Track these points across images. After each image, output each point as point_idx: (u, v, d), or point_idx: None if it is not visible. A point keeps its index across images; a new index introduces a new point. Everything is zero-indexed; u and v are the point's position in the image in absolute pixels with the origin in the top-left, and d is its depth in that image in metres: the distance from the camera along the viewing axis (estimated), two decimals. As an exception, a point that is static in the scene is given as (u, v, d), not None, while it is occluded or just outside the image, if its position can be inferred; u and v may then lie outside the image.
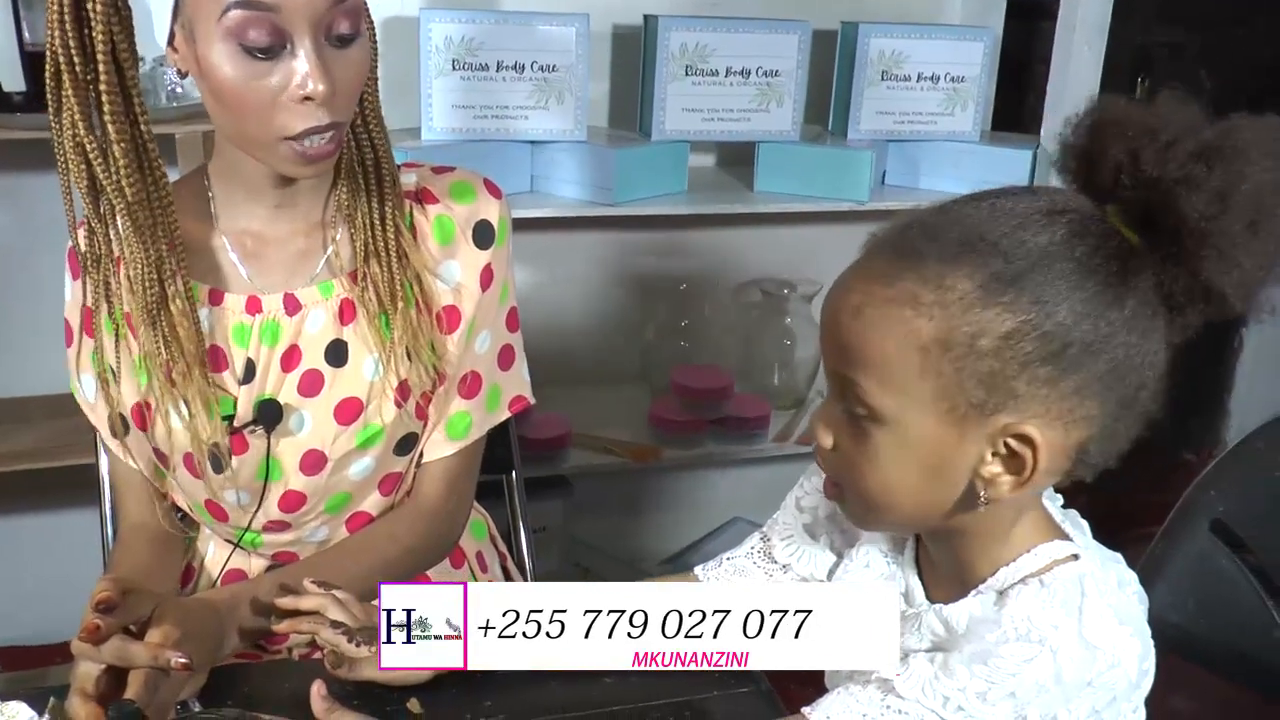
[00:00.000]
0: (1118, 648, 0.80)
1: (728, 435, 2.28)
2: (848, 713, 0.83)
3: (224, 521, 1.24)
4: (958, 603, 0.87)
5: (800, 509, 1.05)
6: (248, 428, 1.17)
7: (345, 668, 1.01)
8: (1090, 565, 0.84)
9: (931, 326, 0.76)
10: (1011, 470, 0.80)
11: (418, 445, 1.24)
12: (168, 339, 1.11)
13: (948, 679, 0.80)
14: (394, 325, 1.16)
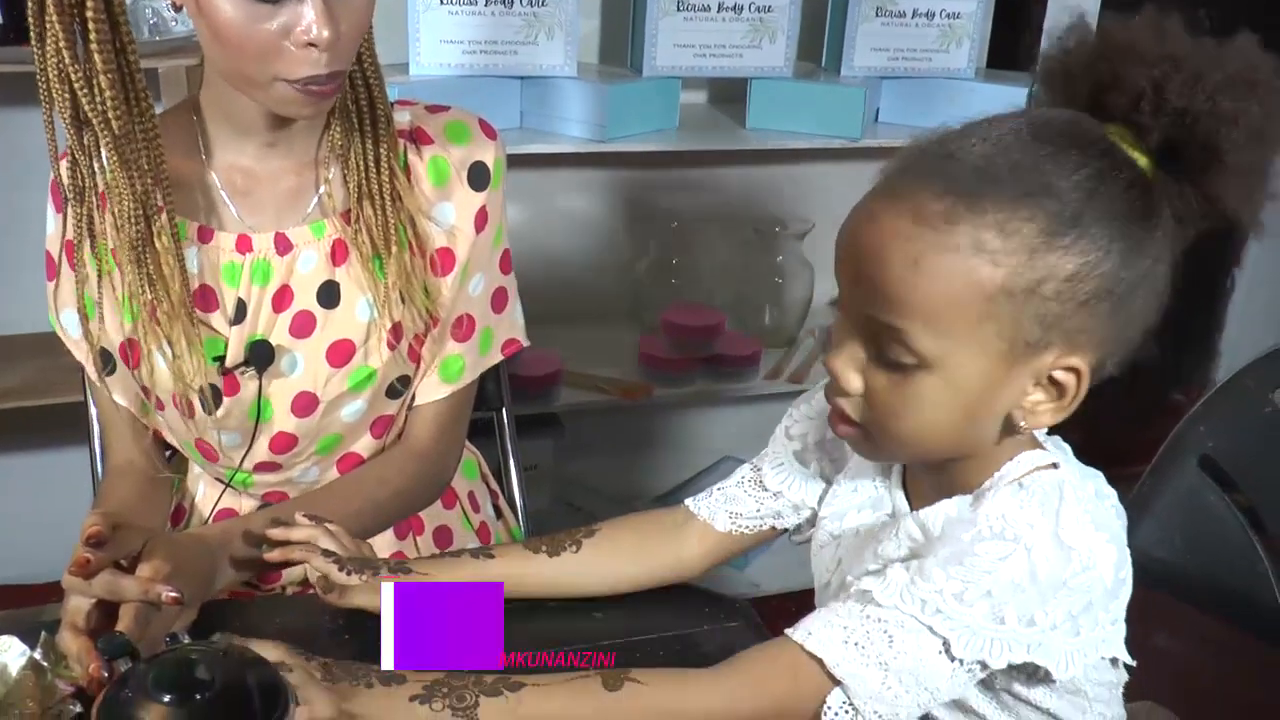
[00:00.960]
0: (1093, 551, 0.81)
1: (718, 373, 2.28)
2: (828, 628, 0.84)
3: (214, 461, 1.24)
4: (934, 506, 0.88)
5: (790, 437, 1.06)
6: (239, 369, 1.16)
7: (336, 593, 1.01)
8: (1070, 474, 0.85)
9: (999, 274, 0.76)
10: (1053, 398, 0.82)
11: (410, 388, 1.24)
12: (152, 277, 1.10)
13: (924, 583, 0.81)
14: (387, 268, 1.15)
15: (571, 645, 1.00)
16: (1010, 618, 0.80)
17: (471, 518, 1.40)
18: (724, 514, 1.07)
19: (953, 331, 0.78)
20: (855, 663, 0.82)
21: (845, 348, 0.83)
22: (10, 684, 0.89)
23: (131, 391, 1.21)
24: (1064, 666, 0.83)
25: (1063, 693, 0.90)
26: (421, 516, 1.34)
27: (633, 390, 2.22)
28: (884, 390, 0.82)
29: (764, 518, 1.07)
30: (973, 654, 0.81)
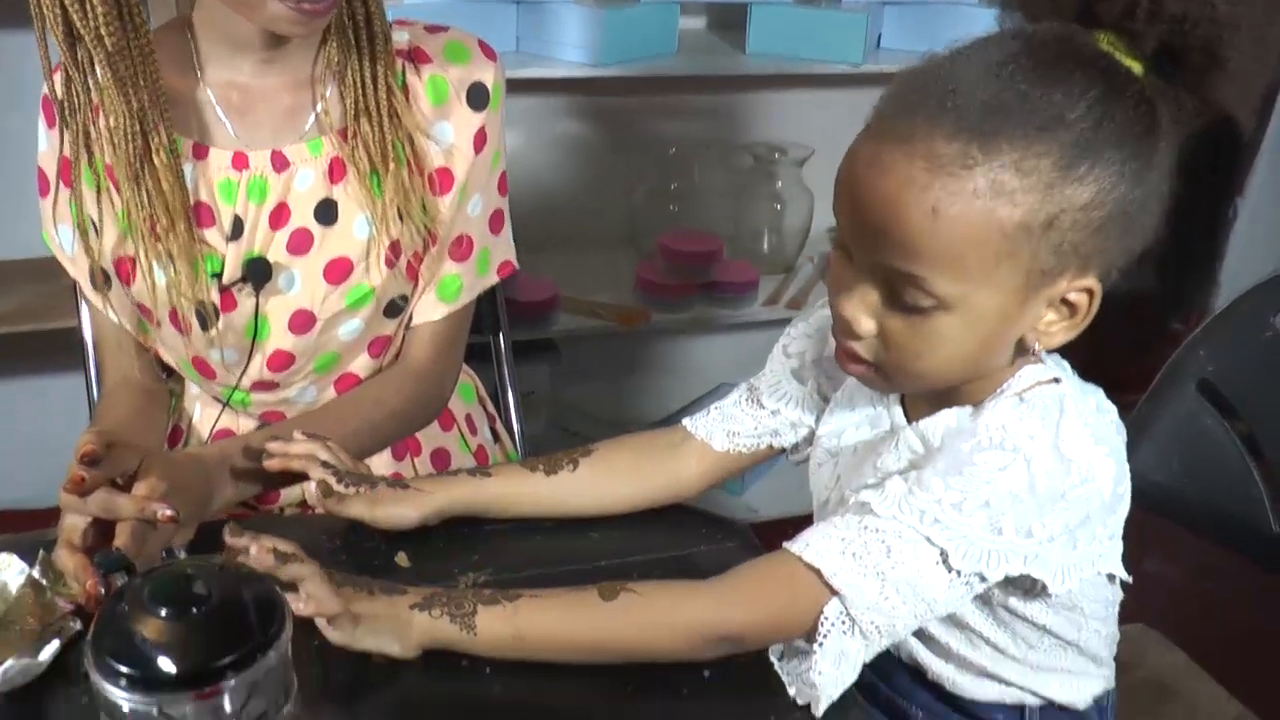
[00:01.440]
0: (1092, 464, 0.81)
1: (716, 300, 2.27)
2: (826, 539, 0.84)
3: (212, 379, 1.24)
4: (933, 416, 0.88)
5: (787, 354, 1.06)
6: (236, 285, 1.16)
7: (334, 500, 1.02)
8: (1070, 388, 0.85)
9: (1017, 213, 0.75)
10: (1065, 318, 0.82)
11: (407, 308, 1.24)
12: (151, 193, 1.09)
13: (923, 493, 0.81)
14: (385, 185, 1.14)
15: (568, 564, 1.01)
16: (1008, 529, 0.80)
17: (469, 440, 1.40)
18: (721, 433, 1.07)
19: (971, 273, 0.77)
20: (853, 573, 0.83)
21: (855, 291, 0.82)
22: (10, 601, 0.89)
23: (128, 309, 1.21)
24: (1060, 580, 0.84)
25: (1059, 608, 0.91)
26: (419, 438, 1.34)
27: (630, 316, 2.21)
28: (900, 332, 0.81)
29: (761, 436, 1.07)
30: (970, 565, 0.82)
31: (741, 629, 0.87)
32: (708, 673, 0.89)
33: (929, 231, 0.76)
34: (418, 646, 0.87)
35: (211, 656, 0.64)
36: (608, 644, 0.88)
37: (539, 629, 0.87)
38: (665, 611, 0.88)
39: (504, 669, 0.88)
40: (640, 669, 0.88)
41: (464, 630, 0.86)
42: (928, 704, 1.00)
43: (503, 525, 1.07)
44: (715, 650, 0.88)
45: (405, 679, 0.87)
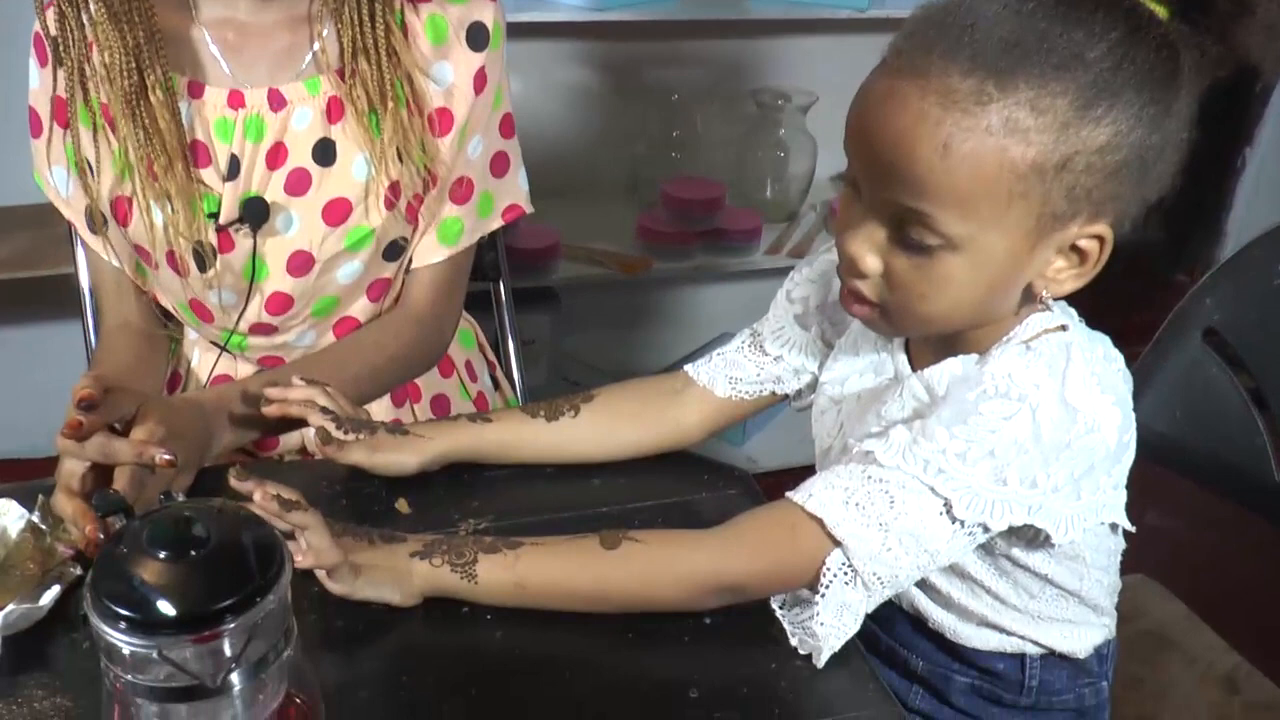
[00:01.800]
0: (1098, 413, 0.80)
1: (718, 248, 2.27)
2: (829, 489, 0.84)
3: (209, 323, 1.23)
4: (939, 364, 0.88)
5: (791, 300, 1.05)
6: (233, 226, 1.15)
7: (334, 446, 1.01)
8: (1077, 336, 0.85)
9: (1030, 153, 0.74)
10: (1075, 265, 0.81)
11: (407, 251, 1.23)
12: (148, 131, 1.09)
13: (927, 442, 0.81)
14: (384, 125, 1.14)
15: (570, 511, 1.01)
16: (1012, 479, 0.80)
17: (469, 387, 1.40)
18: (723, 379, 1.07)
19: (981, 213, 0.76)
20: (855, 523, 0.82)
21: (861, 228, 0.81)
22: (10, 546, 0.89)
23: (125, 251, 1.20)
24: (1063, 530, 0.84)
25: (1061, 558, 0.91)
26: (419, 384, 1.34)
27: (631, 264, 2.20)
28: (905, 272, 0.81)
29: (764, 383, 1.07)
30: (974, 515, 0.81)
31: (743, 579, 0.87)
32: (709, 620, 0.89)
33: (939, 168, 0.75)
34: (418, 595, 0.88)
35: (210, 599, 0.63)
36: (609, 593, 0.88)
37: (540, 578, 0.87)
38: (667, 561, 0.88)
39: (505, 616, 0.88)
40: (641, 617, 0.88)
41: (465, 579, 0.87)
42: (929, 653, 1.01)
43: (503, 471, 1.07)
44: (717, 600, 0.88)
45: (405, 626, 0.88)
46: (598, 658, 0.87)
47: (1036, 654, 0.97)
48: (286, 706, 0.72)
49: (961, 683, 1.00)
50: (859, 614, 0.85)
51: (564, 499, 1.04)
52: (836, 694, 0.85)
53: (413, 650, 0.87)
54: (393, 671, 0.84)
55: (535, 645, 0.87)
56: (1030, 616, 0.95)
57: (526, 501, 1.03)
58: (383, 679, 0.84)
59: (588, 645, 0.88)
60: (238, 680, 0.66)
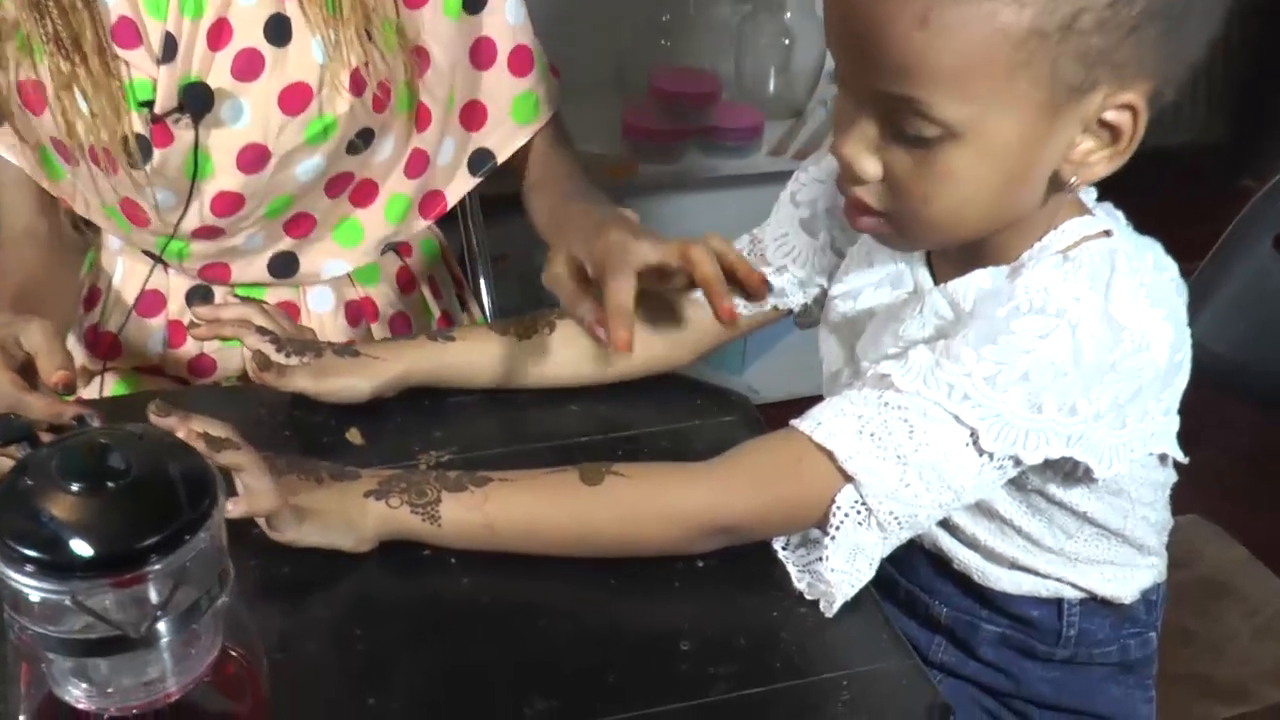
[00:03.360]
0: (1147, 329, 0.80)
1: (714, 148, 2.25)
2: (840, 417, 0.83)
3: (143, 227, 1.21)
4: (964, 276, 0.87)
5: (796, 203, 1.04)
6: (171, 116, 1.12)
7: (274, 373, 1.01)
8: (1123, 243, 0.84)
9: (1026, 15, 0.72)
10: (1105, 144, 0.79)
11: (374, 142, 1.22)
12: (62, 6, 1.06)
13: (951, 364, 0.80)
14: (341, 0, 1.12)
15: (545, 442, 1.01)
16: (1049, 405, 0.79)
17: (432, 305, 1.40)
18: None
19: (979, 92, 0.74)
20: (870, 456, 0.82)
21: (854, 128, 0.80)
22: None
23: (30, 144, 1.18)
24: (1106, 462, 0.83)
25: (1103, 494, 0.91)
26: (375, 300, 1.34)
27: (615, 168, 2.19)
28: (907, 172, 0.79)
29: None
30: (1004, 447, 0.81)
31: (741, 518, 0.87)
32: (702, 564, 0.89)
33: (921, 44, 0.73)
34: (373, 540, 0.87)
35: (132, 537, 0.62)
36: (590, 535, 0.87)
37: (512, 518, 0.87)
38: (655, 498, 0.87)
39: (471, 560, 0.88)
40: (626, 561, 0.88)
41: (426, 521, 0.86)
42: (953, 599, 1.01)
43: (469, 397, 1.06)
44: (712, 542, 0.88)
45: (359, 571, 0.88)
46: (576, 607, 0.87)
47: (1075, 599, 0.97)
48: (223, 662, 0.72)
49: (990, 632, 1.00)
50: (873, 558, 0.85)
51: (538, 428, 1.04)
52: (847, 645, 0.85)
53: (367, 599, 0.87)
54: (344, 623, 0.84)
55: (506, 593, 0.87)
56: (1066, 558, 0.95)
57: (496, 431, 1.03)
58: (333, 631, 0.84)
59: (565, 593, 0.88)
60: (165, 631, 0.65)
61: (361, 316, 1.33)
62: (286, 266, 1.27)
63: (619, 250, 0.95)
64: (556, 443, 1.00)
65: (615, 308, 0.92)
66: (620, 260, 0.94)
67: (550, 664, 0.82)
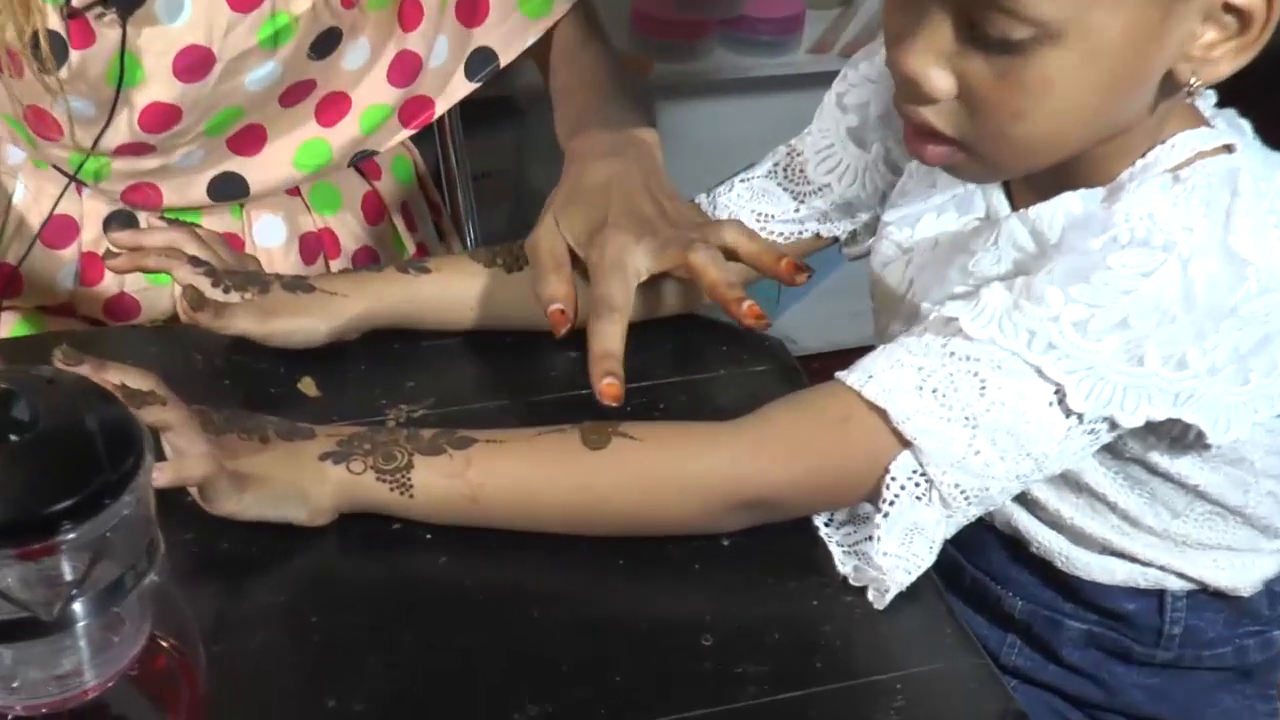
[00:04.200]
0: (1275, 265, 0.80)
1: (744, 43, 2.25)
2: (896, 369, 0.84)
3: (54, 141, 1.22)
4: (1050, 201, 0.86)
5: (844, 107, 1.04)
6: (93, 10, 1.12)
7: (210, 313, 1.00)
8: (1249, 160, 0.83)
9: None
10: (1232, 33, 0.78)
11: (341, 45, 1.22)
12: None
13: (1033, 307, 0.80)
14: None
15: (538, 395, 1.01)
16: (1152, 357, 0.79)
17: (405, 237, 1.41)
18: (748, 214, 1.07)
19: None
20: (932, 416, 0.82)
21: (919, 34, 0.80)
22: None
23: None
24: (1223, 427, 0.83)
25: (1219, 463, 0.91)
26: (335, 231, 1.35)
27: (625, 66, 2.17)
28: (989, 85, 0.79)
29: (804, 221, 1.07)
30: (1097, 407, 0.81)
31: (775, 490, 0.87)
32: (728, 542, 0.90)
33: None
34: (331, 512, 0.88)
35: (40, 500, 0.61)
36: (594, 508, 0.88)
37: (499, 488, 0.87)
38: (672, 464, 0.88)
39: (451, 537, 0.88)
40: (637, 540, 0.89)
41: (396, 490, 0.86)
42: (1030, 590, 1.02)
43: (447, 341, 1.07)
44: (740, 518, 0.88)
45: (315, 548, 0.88)
46: (577, 593, 0.87)
47: (1181, 590, 0.98)
48: (152, 654, 0.72)
49: (1075, 630, 1.01)
50: (935, 540, 0.85)
51: (531, 378, 1.04)
52: (902, 642, 0.86)
53: (325, 581, 0.87)
54: (297, 609, 0.84)
55: (492, 575, 0.87)
56: (1172, 542, 0.95)
57: (479, 382, 1.04)
58: (284, 619, 0.84)
59: (564, 577, 0.88)
60: (81, 613, 0.65)
61: (319, 251, 1.34)
62: (231, 188, 1.27)
63: (615, 261, 0.98)
64: (553, 395, 1.01)
65: (600, 354, 0.94)
66: (614, 273, 0.97)
67: (545, 660, 0.82)
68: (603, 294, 0.96)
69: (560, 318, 0.97)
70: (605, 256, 0.98)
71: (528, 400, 1.00)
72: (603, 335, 0.94)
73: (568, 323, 0.98)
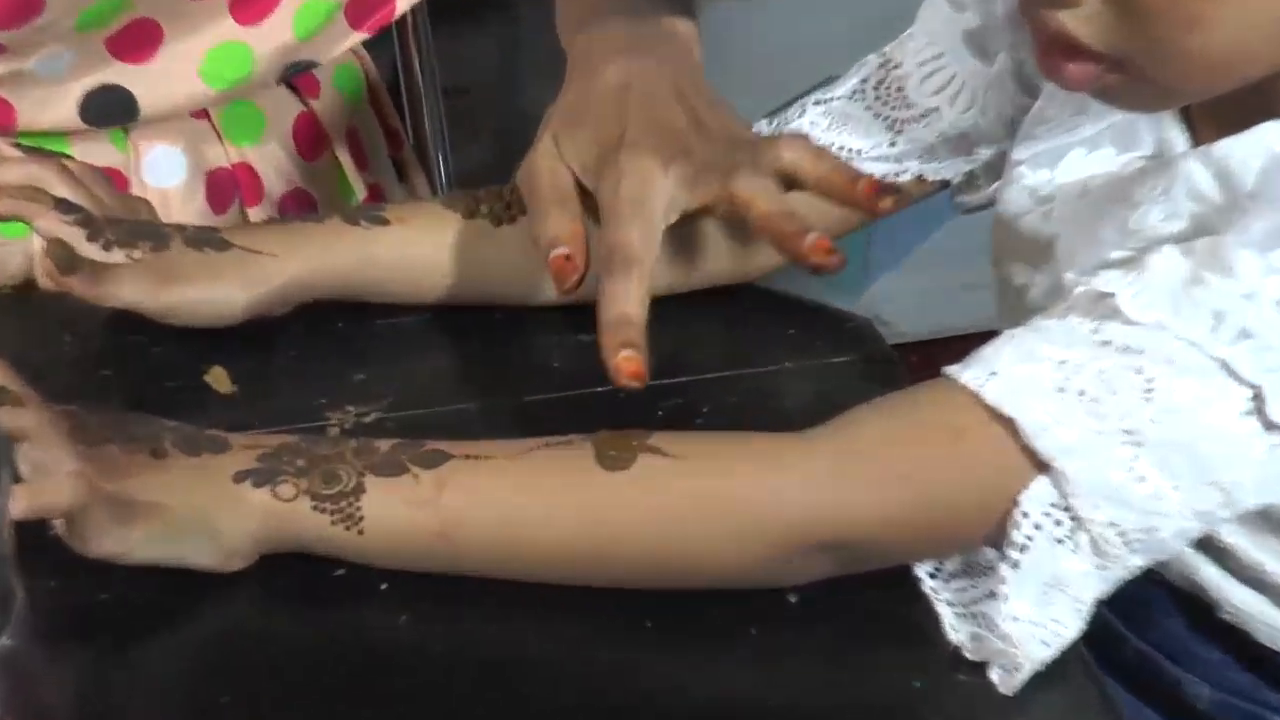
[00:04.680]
0: None
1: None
2: (1030, 362, 0.83)
3: None
4: (1245, 135, 0.86)
5: (959, 3, 1.05)
6: None
7: (83, 278, 1.01)
8: None
9: None
10: None
11: None
12: None
13: (1221, 279, 0.80)
14: None
15: (537, 393, 1.01)
16: None
17: (353, 175, 1.45)
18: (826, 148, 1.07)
19: None
20: (1078, 428, 0.81)
21: None
22: None
23: None
24: None
25: None
26: (257, 170, 1.37)
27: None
28: None
29: (902, 159, 1.08)
30: None
31: (864, 530, 0.86)
32: (795, 599, 0.89)
33: None
34: (251, 554, 0.88)
35: None
36: (611, 551, 0.87)
37: (481, 521, 0.87)
38: (720, 493, 0.87)
39: (414, 586, 0.88)
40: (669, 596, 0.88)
41: (340, 523, 0.86)
42: (1219, 671, 1.02)
43: (412, 320, 1.09)
44: (813, 566, 0.88)
45: (228, 602, 0.88)
46: (586, 670, 0.86)
47: None
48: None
49: (1286, 730, 1.01)
50: (1083, 600, 0.84)
51: (525, 371, 1.05)
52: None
53: (241, 649, 0.87)
54: (203, 687, 0.84)
55: (471, 644, 0.87)
56: None
57: (455, 375, 1.06)
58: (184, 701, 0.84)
59: (568, 648, 0.88)
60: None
61: (233, 194, 1.37)
62: (112, 107, 1.28)
63: (634, 196, 0.97)
64: (554, 394, 1.01)
65: (615, 320, 0.93)
66: (633, 212, 0.96)
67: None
68: (618, 240, 0.96)
69: (566, 266, 0.96)
70: (622, 190, 0.98)
71: (520, 401, 1.00)
72: (618, 296, 0.94)
73: (576, 272, 0.96)
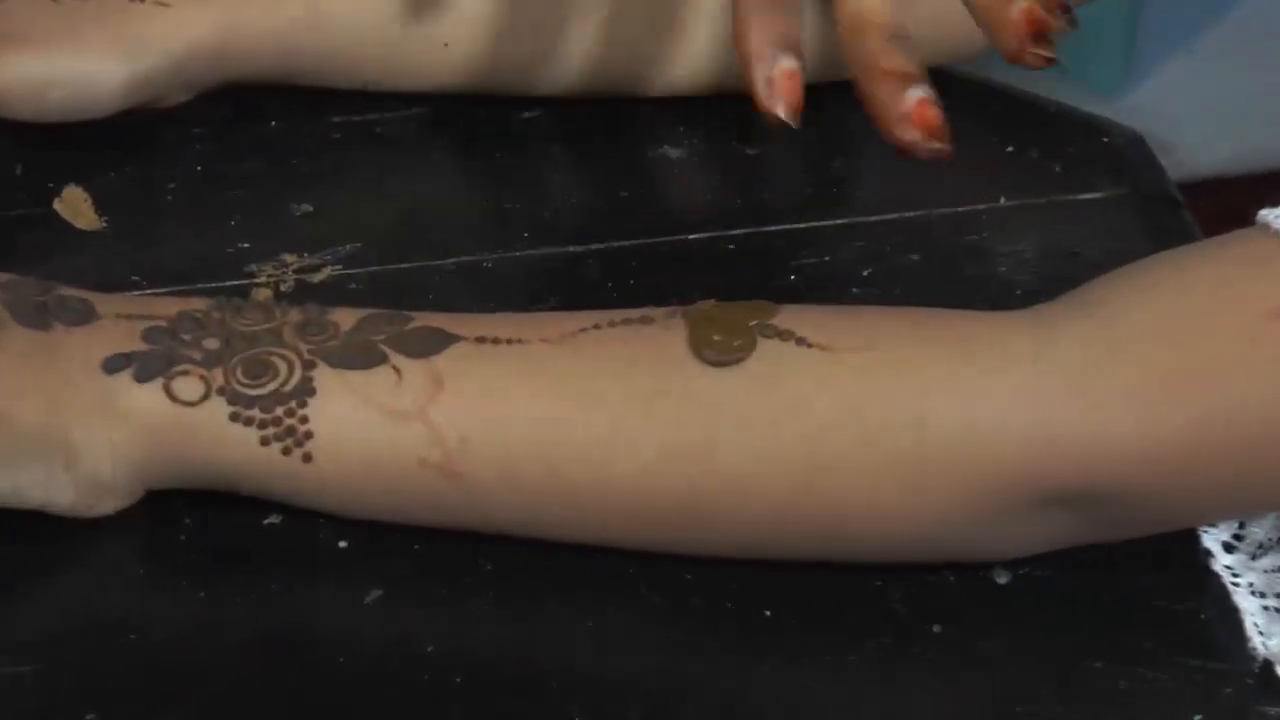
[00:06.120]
0: None
1: None
2: None
3: None
4: None
5: None
6: None
7: None
8: None
9: None
10: None
11: None
12: None
13: None
14: None
15: (585, 242, 1.04)
16: None
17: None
18: None
19: None
20: None
21: None
22: None
23: None
24: None
25: None
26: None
27: None
28: None
29: None
30: None
31: (1123, 466, 0.82)
32: (1005, 579, 0.87)
33: None
34: (131, 491, 0.87)
35: None
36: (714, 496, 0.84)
37: (505, 446, 0.84)
38: (895, 403, 0.83)
39: (385, 545, 0.87)
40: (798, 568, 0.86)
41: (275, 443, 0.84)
42: None
43: (387, 118, 1.14)
44: (1035, 529, 0.85)
45: (97, 574, 0.88)
46: (675, 683, 0.84)
47: None
48: None
49: None
50: None
51: (564, 205, 1.10)
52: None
53: (115, 641, 0.84)
54: (61, 701, 0.81)
55: (472, 637, 0.86)
56: None
57: (451, 210, 1.06)
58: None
59: (649, 646, 0.86)
60: None
61: None
62: None
63: None
64: (615, 244, 0.99)
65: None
66: None
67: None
68: None
69: (789, 86, 0.84)
70: None
71: (560, 250, 0.98)
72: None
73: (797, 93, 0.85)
